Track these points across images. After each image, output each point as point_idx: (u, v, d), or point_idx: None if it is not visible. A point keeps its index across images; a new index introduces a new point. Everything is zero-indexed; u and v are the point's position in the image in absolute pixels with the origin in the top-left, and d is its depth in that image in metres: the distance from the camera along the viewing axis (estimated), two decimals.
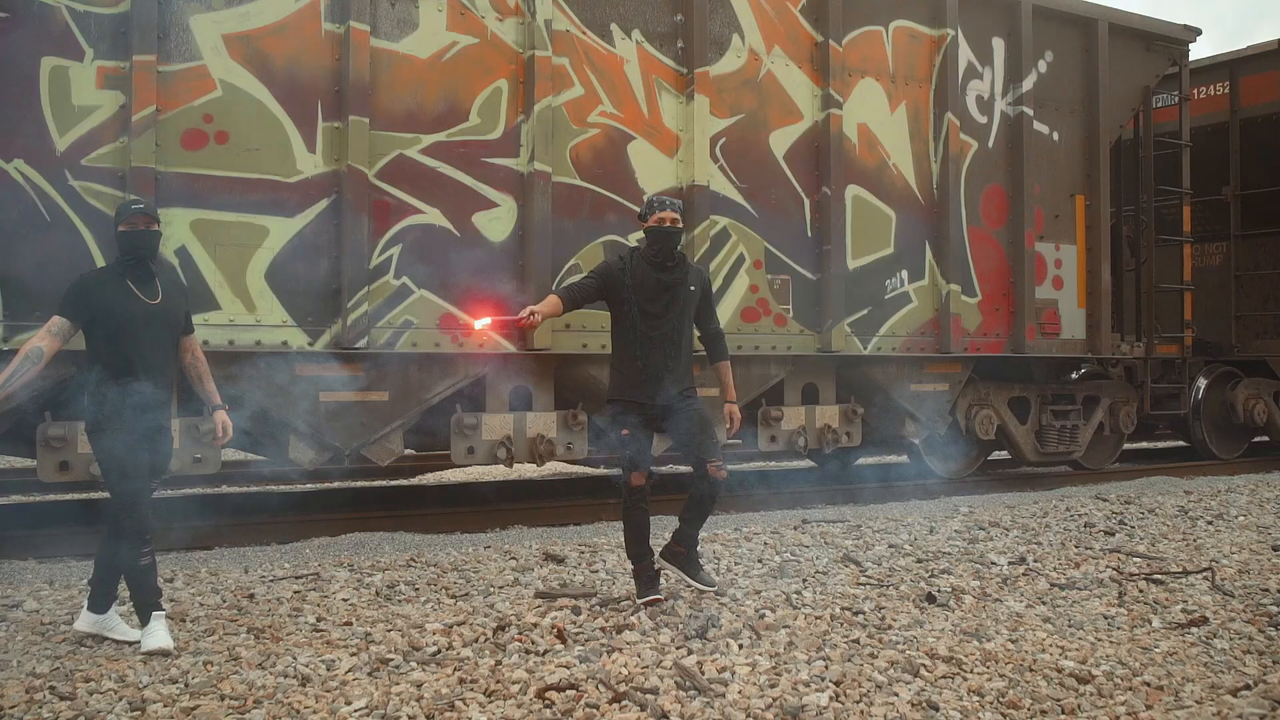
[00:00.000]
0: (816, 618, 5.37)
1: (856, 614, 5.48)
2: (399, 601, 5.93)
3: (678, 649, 4.81)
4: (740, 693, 4.21)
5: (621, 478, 5.70)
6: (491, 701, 4.20)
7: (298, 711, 4.13)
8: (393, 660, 4.72)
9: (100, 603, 5.12)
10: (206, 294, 7.15)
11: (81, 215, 6.75)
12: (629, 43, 8.68)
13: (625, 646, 4.84)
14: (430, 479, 12.43)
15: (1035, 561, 6.93)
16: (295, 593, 6.07)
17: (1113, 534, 7.91)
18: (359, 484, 11.72)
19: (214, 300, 7.17)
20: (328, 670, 4.62)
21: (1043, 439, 11.35)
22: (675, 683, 4.31)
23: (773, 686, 4.29)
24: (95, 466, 6.98)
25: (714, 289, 8.84)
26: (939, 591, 6.01)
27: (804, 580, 6.36)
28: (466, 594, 6.07)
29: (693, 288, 5.79)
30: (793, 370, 9.60)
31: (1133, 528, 8.17)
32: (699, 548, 5.96)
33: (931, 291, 10.17)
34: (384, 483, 11.97)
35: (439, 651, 4.84)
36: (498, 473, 12.83)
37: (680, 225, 5.81)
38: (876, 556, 7.06)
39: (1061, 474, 12.13)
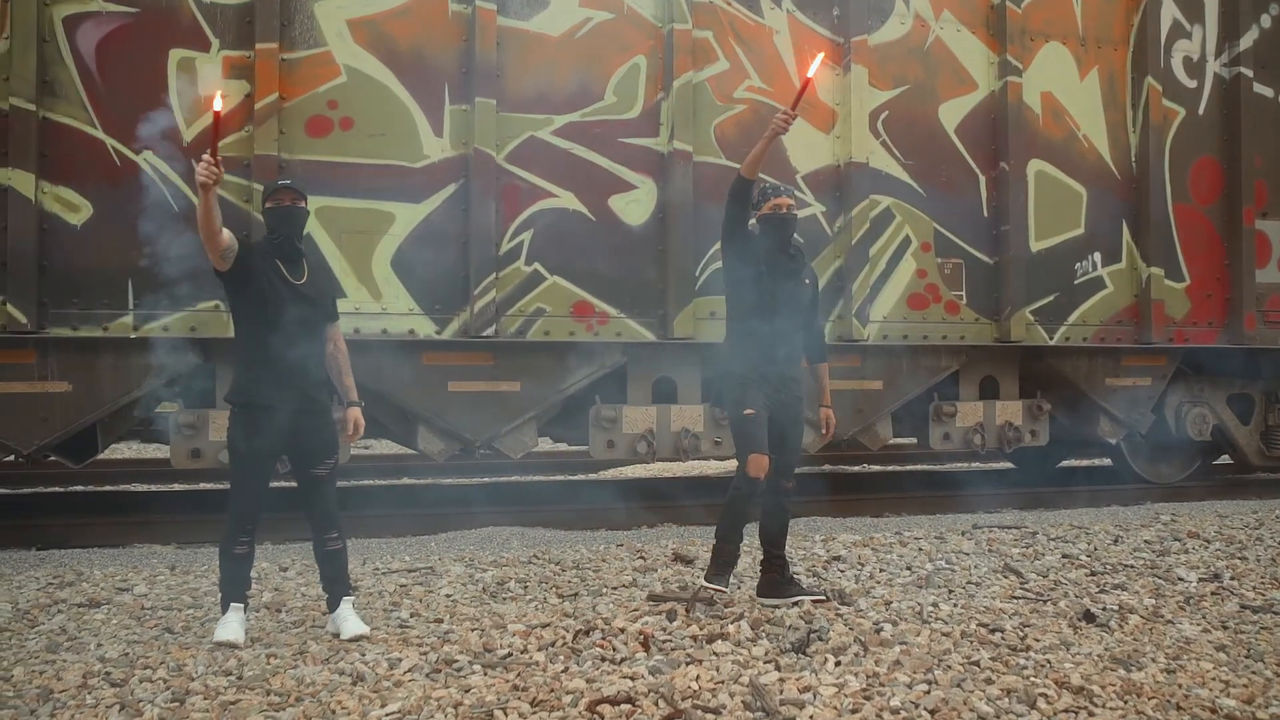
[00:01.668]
0: (943, 634, 4.70)
1: (994, 631, 4.78)
2: (503, 599, 5.61)
3: (766, 663, 4.27)
4: (812, 718, 3.64)
5: (739, 465, 5.17)
6: (535, 712, 3.78)
7: (332, 712, 3.84)
8: (458, 662, 4.37)
9: (331, 601, 4.93)
10: None
11: None
12: (779, 12, 8.12)
13: (710, 658, 4.34)
14: (615, 474, 12.14)
15: (1232, 579, 5.98)
16: (401, 586, 5.85)
17: None
18: (535, 478, 11.54)
19: (339, 289, 7.07)
20: (388, 669, 4.32)
21: (1270, 441, 10.04)
22: (744, 702, 3.78)
23: (854, 712, 3.69)
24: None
25: (876, 273, 8.26)
26: (1102, 609, 5.22)
27: (949, 591, 5.67)
28: (576, 594, 5.69)
29: (807, 281, 5.40)
30: (967, 362, 8.78)
31: None
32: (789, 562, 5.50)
33: (1129, 276, 9.12)
34: (564, 477, 11.77)
35: (509, 655, 4.46)
36: (680, 468, 12.45)
37: (797, 212, 5.41)
38: (1044, 567, 6.27)
39: None
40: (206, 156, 4.42)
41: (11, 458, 6.83)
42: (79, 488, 9.86)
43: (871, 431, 8.50)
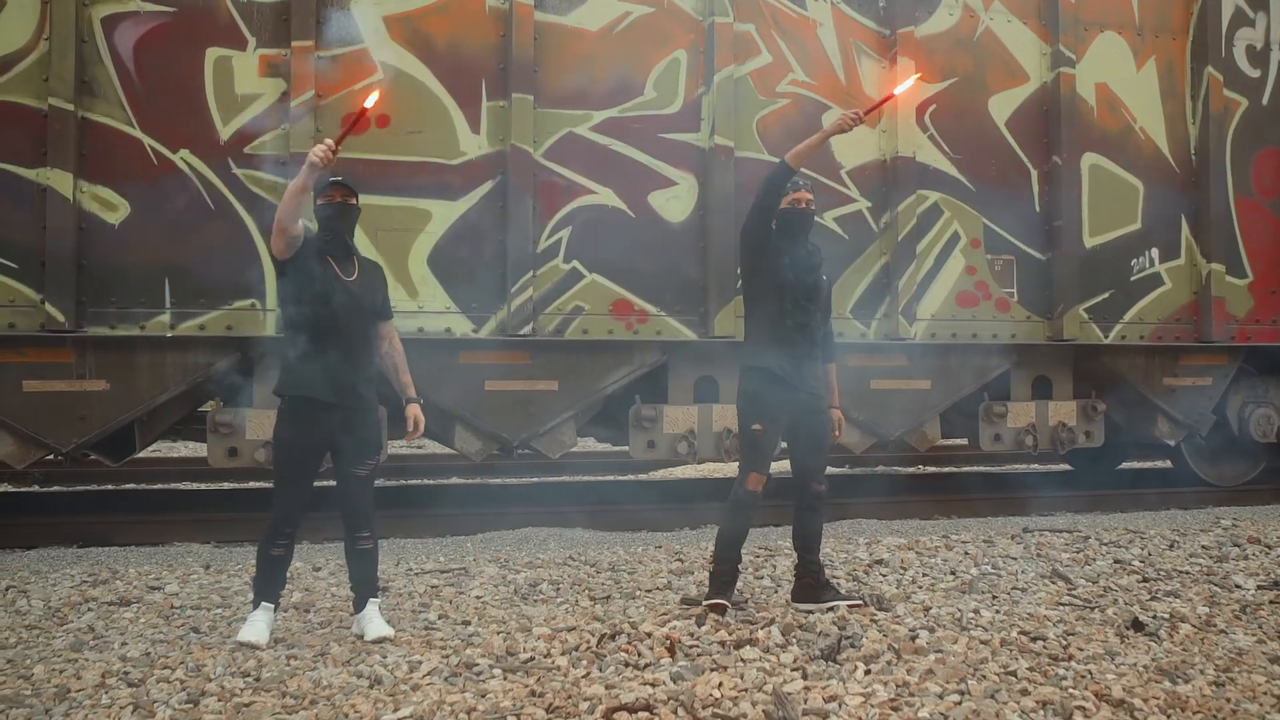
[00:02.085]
0: (982, 642, 4.53)
1: (1035, 640, 4.59)
2: (533, 601, 5.51)
3: (793, 670, 4.14)
4: None
5: (740, 474, 5.09)
6: (550, 719, 3.68)
7: (344, 715, 3.77)
8: (478, 665, 4.29)
9: (357, 601, 4.88)
10: None
11: (244, 203, 6.77)
12: (823, 4, 7.96)
13: (735, 664, 4.21)
14: (664, 475, 12.02)
15: None
16: (431, 587, 5.78)
17: None
18: (585, 478, 11.46)
19: None
20: (407, 672, 4.25)
21: None
22: (765, 712, 3.65)
23: None
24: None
25: (924, 270, 8.08)
26: (1152, 618, 5.00)
27: (993, 597, 5.48)
28: (608, 596, 5.58)
29: (825, 277, 5.28)
30: (1018, 361, 8.54)
31: None
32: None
33: (1188, 272, 8.83)
34: (613, 477, 11.67)
35: (531, 659, 4.37)
36: (730, 468, 12.28)
37: (814, 206, 5.25)
38: (1094, 573, 6.05)
39: None
40: (329, 140, 4.43)
41: (51, 456, 6.86)
42: (130, 486, 9.95)
43: (919, 433, 8.30)
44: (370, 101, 4.50)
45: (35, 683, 4.15)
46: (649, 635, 4.56)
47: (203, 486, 10.53)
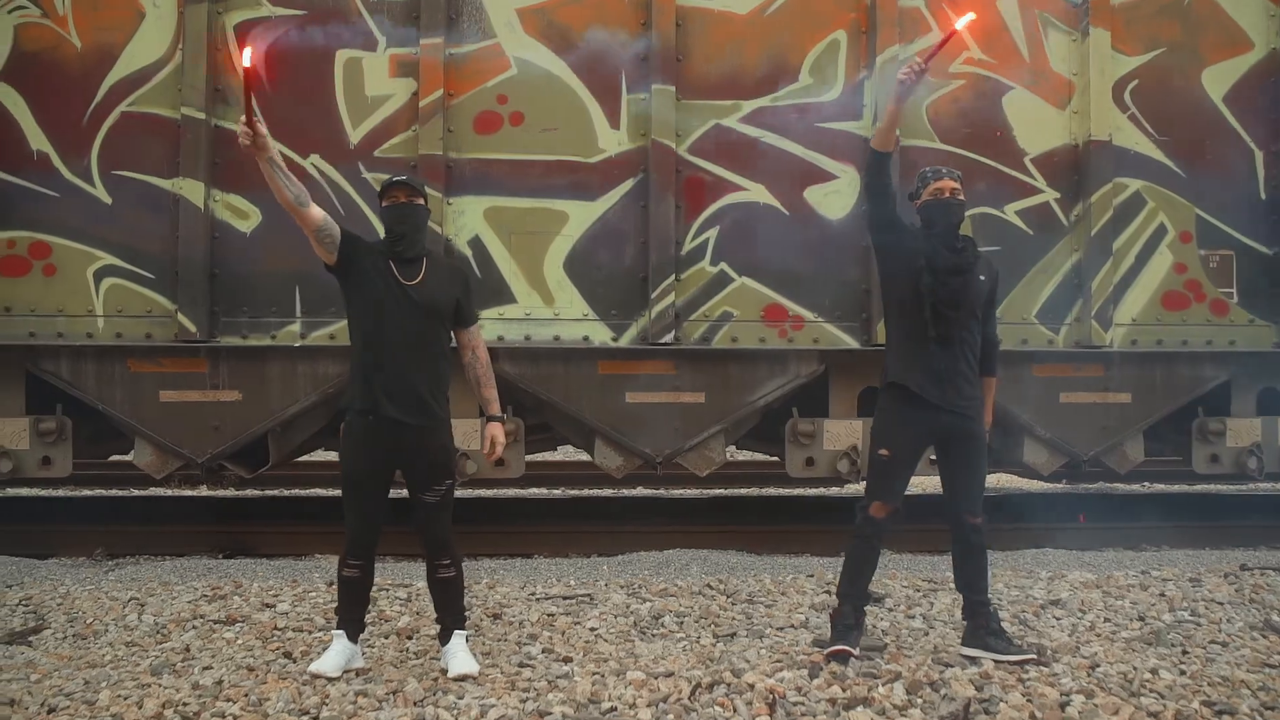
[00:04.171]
0: (1150, 715, 3.75)
1: (1221, 714, 3.78)
2: (651, 637, 5.03)
3: None
4: None
5: (862, 500, 4.46)
6: None
7: None
8: (552, 715, 3.84)
9: (442, 634, 4.57)
10: (501, 286, 6.71)
11: (375, 208, 6.51)
12: None
13: None
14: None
15: None
16: (547, 615, 5.38)
17: None
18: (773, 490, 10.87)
19: (509, 293, 6.71)
20: (477, 715, 3.85)
21: None
22: None
23: None
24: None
25: (1123, 268, 7.15)
26: None
27: (1183, 653, 4.64)
28: (733, 634, 5.05)
29: (982, 277, 4.55)
30: (1239, 371, 7.43)
31: None
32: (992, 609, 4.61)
33: None
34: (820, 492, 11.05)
35: (614, 709, 3.89)
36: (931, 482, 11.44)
37: (962, 197, 4.59)
38: None
39: None
40: (241, 119, 4.09)
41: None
42: (299, 491, 10.02)
43: (1119, 451, 7.33)
44: (246, 61, 4.09)
45: (96, 710, 3.96)
46: (750, 688, 4.00)
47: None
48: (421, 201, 4.48)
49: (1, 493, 9.27)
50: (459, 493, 9.86)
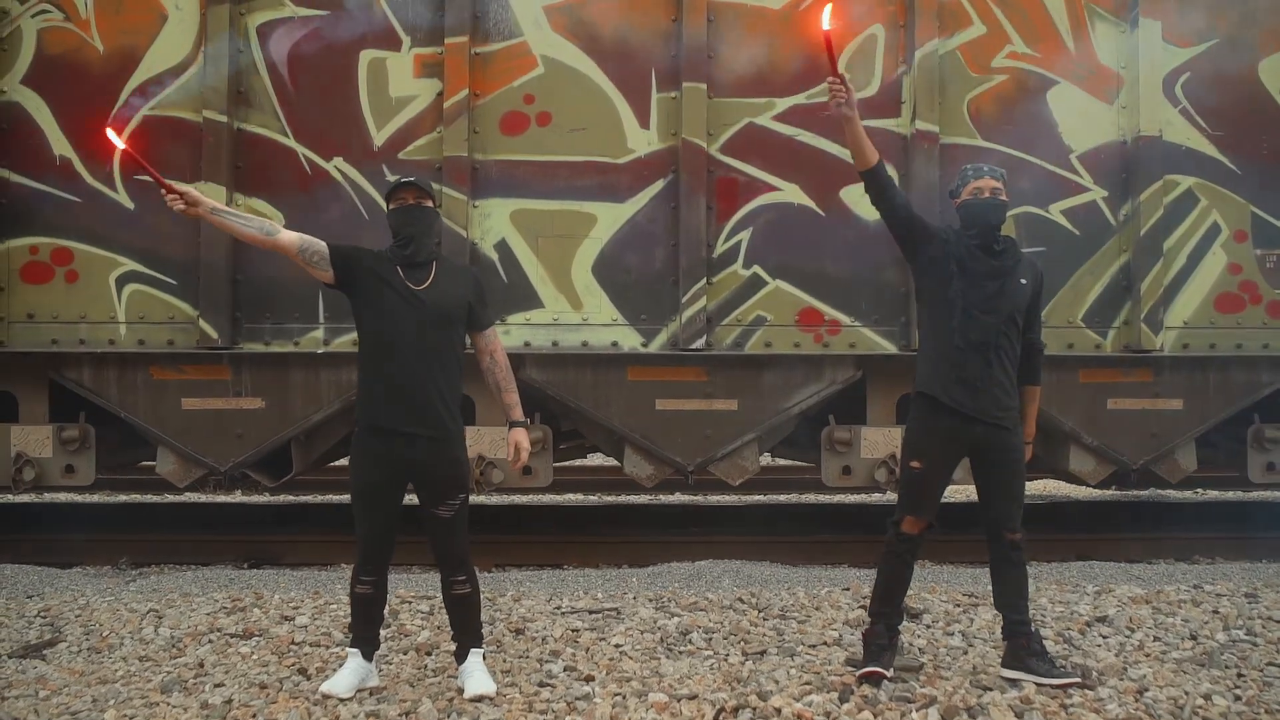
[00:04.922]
0: None
1: None
2: (677, 654, 4.84)
3: None
4: None
5: (894, 515, 4.25)
6: None
7: None
8: None
9: (459, 652, 4.43)
10: (528, 290, 6.55)
11: None
12: None
13: None
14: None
15: None
16: (571, 631, 5.20)
17: None
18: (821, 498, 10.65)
19: (536, 297, 6.56)
20: None
21: None
22: None
23: None
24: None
25: (1174, 269, 6.89)
26: None
27: (1238, 675, 4.39)
28: (763, 652, 4.84)
29: (1024, 281, 4.29)
30: None
31: None
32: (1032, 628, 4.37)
33: None
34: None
35: None
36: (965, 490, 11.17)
37: (1006, 197, 4.34)
38: None
39: None
40: (161, 191, 4.04)
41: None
42: (333, 497, 9.93)
43: (1170, 460, 7.05)
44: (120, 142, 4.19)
45: None
46: (777, 713, 3.80)
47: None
48: (430, 203, 4.32)
49: (28, 500, 9.25)
50: (487, 501, 9.80)
